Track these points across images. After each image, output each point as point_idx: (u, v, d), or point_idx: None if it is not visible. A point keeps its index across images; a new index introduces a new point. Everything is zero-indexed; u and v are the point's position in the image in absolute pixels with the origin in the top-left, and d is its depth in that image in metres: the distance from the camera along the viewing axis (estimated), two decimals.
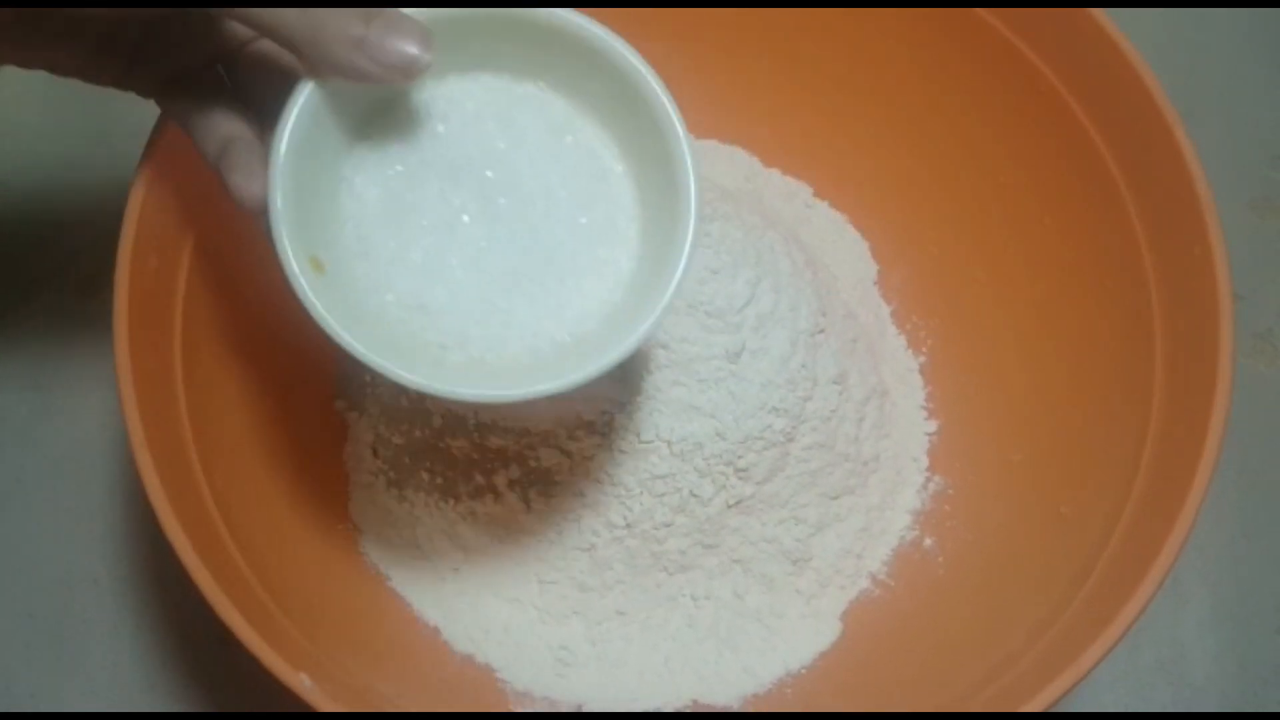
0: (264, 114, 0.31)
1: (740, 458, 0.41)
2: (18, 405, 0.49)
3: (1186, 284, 0.36)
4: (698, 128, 0.52)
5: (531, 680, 0.40)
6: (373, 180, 0.31)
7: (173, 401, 0.36)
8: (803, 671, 0.41)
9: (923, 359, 0.49)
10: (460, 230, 0.31)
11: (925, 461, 0.46)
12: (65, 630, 0.45)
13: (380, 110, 0.31)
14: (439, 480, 0.43)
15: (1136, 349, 0.38)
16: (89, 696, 0.44)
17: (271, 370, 0.43)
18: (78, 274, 0.52)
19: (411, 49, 0.27)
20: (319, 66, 0.28)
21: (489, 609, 0.42)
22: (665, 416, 0.40)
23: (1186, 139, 0.37)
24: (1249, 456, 0.50)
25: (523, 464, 0.41)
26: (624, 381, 0.41)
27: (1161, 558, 0.31)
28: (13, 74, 0.57)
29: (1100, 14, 0.39)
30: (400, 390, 0.44)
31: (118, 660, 0.45)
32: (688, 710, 0.40)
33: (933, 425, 0.47)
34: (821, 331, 0.44)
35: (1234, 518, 0.49)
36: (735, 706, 0.40)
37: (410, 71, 0.28)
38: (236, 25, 0.31)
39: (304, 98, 0.29)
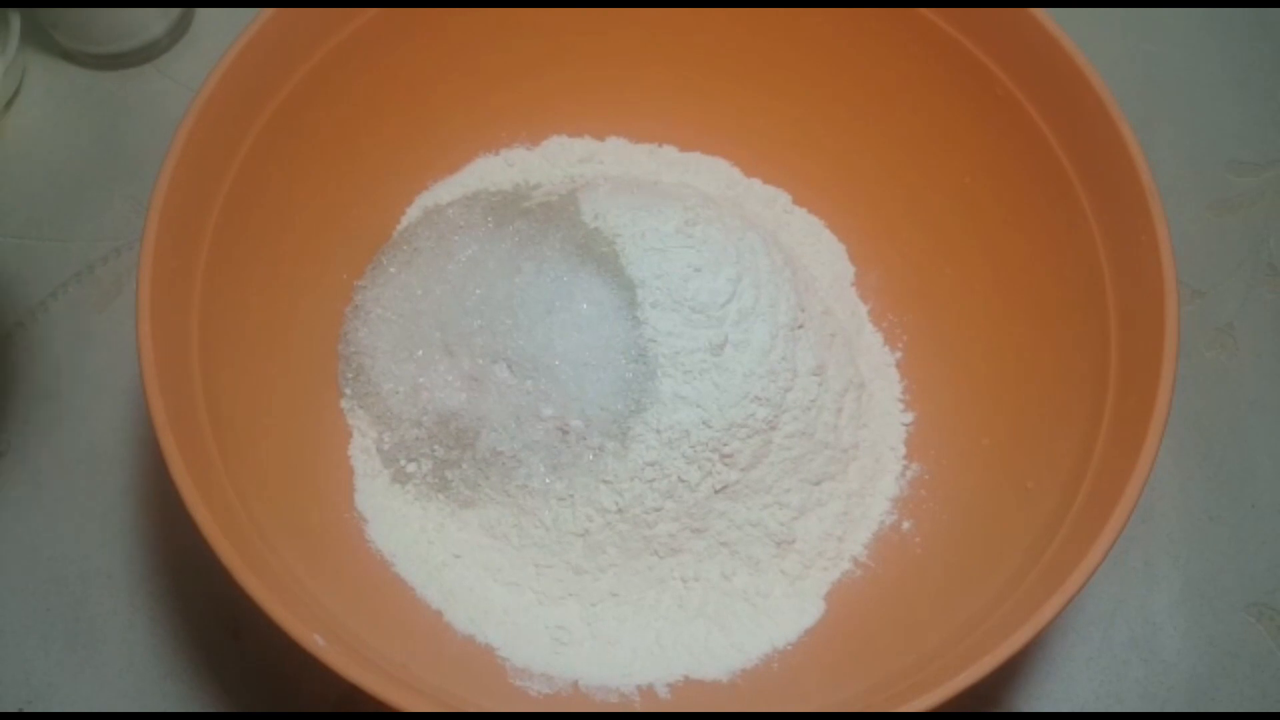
0: None
1: (725, 445, 0.43)
2: (37, 410, 0.51)
3: (1135, 269, 0.38)
4: (683, 141, 0.54)
5: (530, 658, 0.41)
6: None
7: (192, 401, 0.38)
8: (789, 647, 0.43)
9: (899, 354, 0.50)
10: None
11: (903, 450, 0.48)
12: (81, 624, 0.47)
13: None
14: (440, 473, 0.45)
15: (1093, 336, 0.40)
16: (104, 688, 0.46)
17: (284, 372, 0.45)
18: (94, 287, 0.54)
19: None
20: None
21: (489, 593, 0.43)
22: (653, 406, 0.43)
23: (1130, 131, 0.39)
24: (1213, 444, 0.52)
25: (518, 455, 0.43)
26: (619, 375, 0.43)
27: (1112, 522, 0.33)
28: (33, 97, 0.60)
29: (1041, 14, 0.41)
30: (398, 388, 0.46)
31: (131, 652, 0.46)
32: (679, 685, 0.42)
33: (909, 416, 0.49)
34: (800, 326, 0.46)
35: (1201, 502, 0.51)
36: (725, 681, 0.42)
37: None
38: None
39: None
